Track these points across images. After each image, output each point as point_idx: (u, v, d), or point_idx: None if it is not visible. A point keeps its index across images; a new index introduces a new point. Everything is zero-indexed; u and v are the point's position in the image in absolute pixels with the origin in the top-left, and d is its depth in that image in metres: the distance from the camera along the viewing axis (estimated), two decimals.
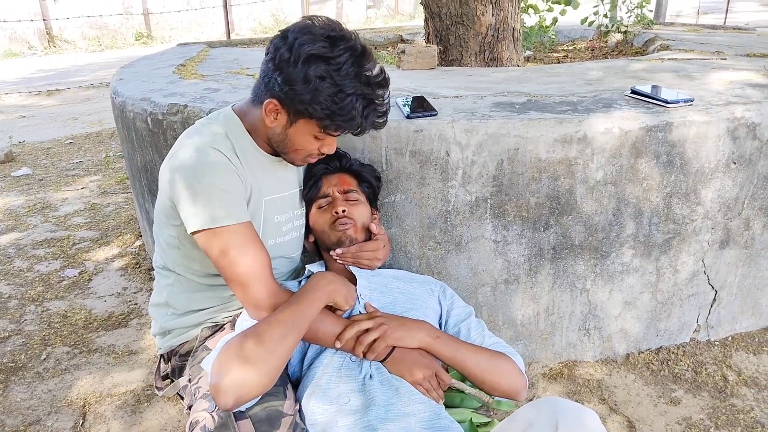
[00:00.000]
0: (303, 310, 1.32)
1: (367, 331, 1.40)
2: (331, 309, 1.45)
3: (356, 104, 1.32)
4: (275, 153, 1.54)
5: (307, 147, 1.45)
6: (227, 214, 1.37)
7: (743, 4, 13.61)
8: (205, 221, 1.36)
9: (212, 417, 1.27)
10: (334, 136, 1.43)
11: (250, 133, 1.51)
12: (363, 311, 1.50)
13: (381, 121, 1.41)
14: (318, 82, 1.29)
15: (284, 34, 1.35)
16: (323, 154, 1.49)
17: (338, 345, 1.41)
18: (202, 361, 1.41)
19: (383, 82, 1.37)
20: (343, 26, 1.37)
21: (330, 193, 1.63)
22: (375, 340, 1.38)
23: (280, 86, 1.33)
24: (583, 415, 1.04)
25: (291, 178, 1.65)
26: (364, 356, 1.39)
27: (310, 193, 1.66)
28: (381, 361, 1.41)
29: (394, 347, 1.40)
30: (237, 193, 1.42)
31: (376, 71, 1.36)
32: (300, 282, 1.61)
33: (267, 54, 1.37)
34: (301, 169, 1.71)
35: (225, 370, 1.20)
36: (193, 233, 1.40)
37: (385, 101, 1.40)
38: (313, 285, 1.39)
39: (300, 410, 1.37)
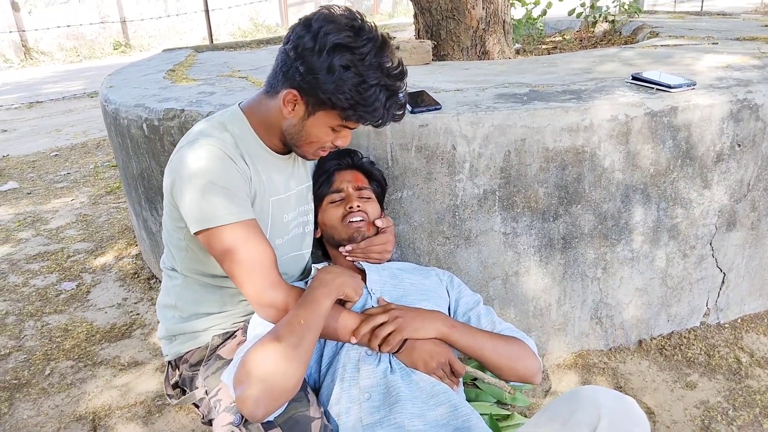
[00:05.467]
0: (316, 308, 1.30)
1: (382, 324, 1.38)
2: (340, 301, 1.44)
3: (380, 95, 1.30)
4: (283, 151, 1.52)
5: (322, 138, 1.42)
6: (229, 212, 1.34)
7: None
8: (207, 221, 1.34)
9: (240, 431, 1.24)
10: (352, 128, 1.41)
11: (258, 131, 1.48)
12: (376, 306, 1.48)
13: (400, 113, 1.40)
14: (342, 72, 1.27)
15: (307, 23, 1.32)
16: (336, 146, 1.47)
17: (353, 341, 1.39)
18: (222, 374, 1.38)
19: (401, 74, 1.36)
20: (364, 16, 1.35)
21: (344, 188, 1.62)
22: (390, 333, 1.37)
23: (302, 75, 1.30)
24: (625, 404, 1.03)
25: (299, 175, 1.62)
26: (380, 349, 1.38)
27: (321, 189, 1.64)
28: (394, 353, 1.40)
29: (406, 338, 1.39)
30: (239, 191, 1.38)
31: (395, 62, 1.34)
32: (307, 283, 1.59)
33: (287, 42, 1.34)
34: (309, 165, 1.68)
35: (249, 381, 1.18)
36: (196, 233, 1.37)
37: (403, 93, 1.38)
38: (321, 280, 1.37)
39: (325, 413, 1.35)
